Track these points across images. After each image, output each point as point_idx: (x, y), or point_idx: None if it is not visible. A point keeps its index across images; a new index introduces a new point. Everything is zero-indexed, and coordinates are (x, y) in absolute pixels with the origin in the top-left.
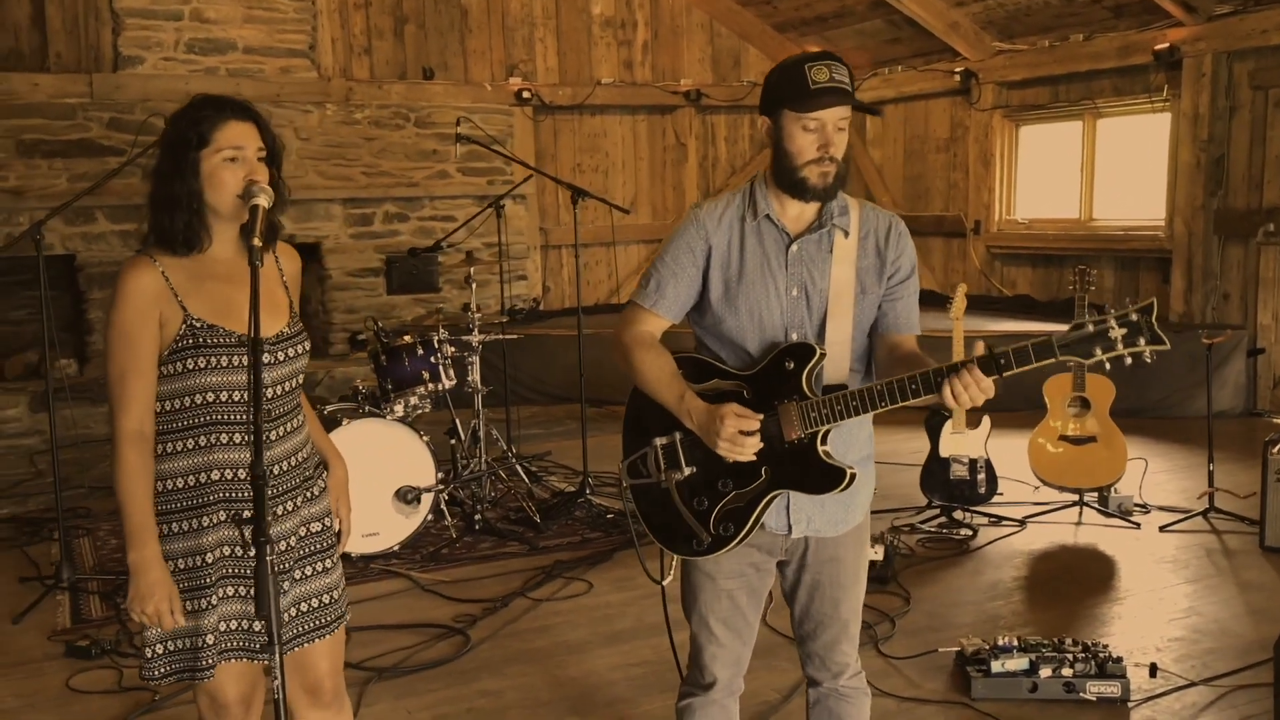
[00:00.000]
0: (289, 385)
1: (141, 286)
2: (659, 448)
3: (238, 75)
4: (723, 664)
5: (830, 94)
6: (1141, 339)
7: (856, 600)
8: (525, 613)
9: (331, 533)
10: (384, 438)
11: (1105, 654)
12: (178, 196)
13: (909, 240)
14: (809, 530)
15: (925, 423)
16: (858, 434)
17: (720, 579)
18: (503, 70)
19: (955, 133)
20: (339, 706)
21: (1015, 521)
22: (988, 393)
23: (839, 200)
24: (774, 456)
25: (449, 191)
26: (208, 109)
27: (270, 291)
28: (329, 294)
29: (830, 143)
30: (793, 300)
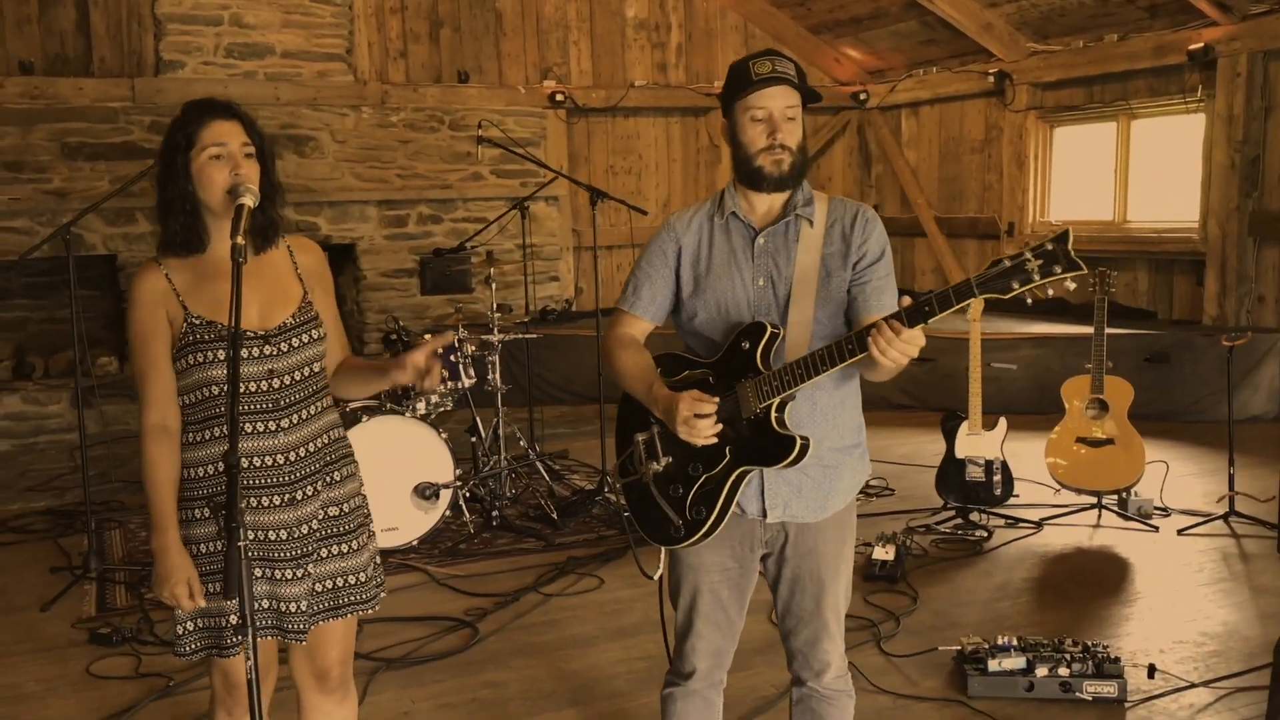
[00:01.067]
0: (301, 374)
1: (147, 289)
2: (640, 443)
3: (275, 79)
4: (702, 655)
5: (771, 82)
6: (1058, 267)
7: (837, 597)
8: (535, 607)
9: (355, 518)
10: (403, 435)
11: (1103, 654)
12: (173, 200)
13: (878, 225)
14: (786, 515)
15: (941, 424)
16: (843, 422)
17: (702, 571)
18: (537, 73)
19: (990, 134)
20: (344, 694)
21: (1031, 524)
22: (911, 342)
23: (804, 193)
24: (736, 435)
25: (482, 193)
26: (192, 112)
27: (276, 282)
28: (363, 294)
29: (778, 129)
30: (759, 290)
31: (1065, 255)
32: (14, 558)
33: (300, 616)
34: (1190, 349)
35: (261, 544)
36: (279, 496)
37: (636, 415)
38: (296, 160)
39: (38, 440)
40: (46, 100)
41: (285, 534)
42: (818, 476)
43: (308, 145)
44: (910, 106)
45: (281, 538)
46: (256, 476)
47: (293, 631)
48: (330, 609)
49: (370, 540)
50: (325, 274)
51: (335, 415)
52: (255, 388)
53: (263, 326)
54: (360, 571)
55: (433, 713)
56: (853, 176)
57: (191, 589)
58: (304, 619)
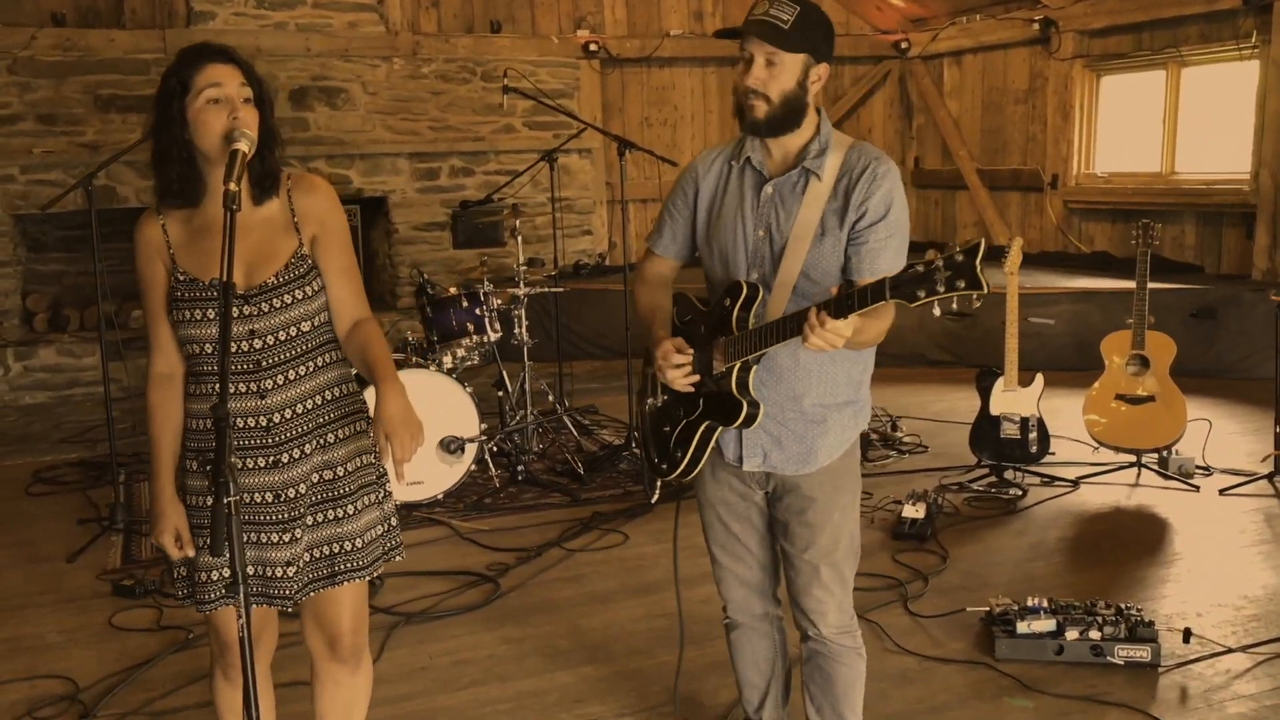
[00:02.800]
0: (288, 334)
1: (144, 238)
2: (648, 375)
3: (306, 30)
4: (729, 585)
5: (753, 24)
6: (960, 281)
7: (829, 545)
8: (558, 562)
9: (357, 479)
10: (428, 389)
11: (1136, 617)
12: (168, 148)
13: (886, 183)
14: (766, 466)
15: (976, 381)
16: (833, 377)
17: (708, 505)
18: (570, 23)
19: (1034, 84)
20: (356, 663)
21: (1068, 482)
22: (836, 332)
23: (820, 141)
24: (708, 390)
25: (514, 146)
26: (188, 56)
27: (266, 237)
28: (395, 248)
29: (751, 77)
30: (758, 240)
31: (970, 270)
32: (45, 508)
33: (288, 583)
34: (1238, 304)
35: (246, 507)
36: (264, 458)
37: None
38: (328, 112)
39: (73, 392)
40: (79, 52)
41: (271, 496)
42: (799, 430)
43: (339, 97)
44: (953, 55)
45: (267, 500)
46: (239, 438)
47: (280, 598)
48: (326, 577)
49: (376, 505)
50: (333, 218)
51: (339, 372)
52: (235, 348)
53: (245, 285)
54: (358, 537)
55: (448, 669)
56: (893, 128)
57: (180, 538)
58: (293, 585)
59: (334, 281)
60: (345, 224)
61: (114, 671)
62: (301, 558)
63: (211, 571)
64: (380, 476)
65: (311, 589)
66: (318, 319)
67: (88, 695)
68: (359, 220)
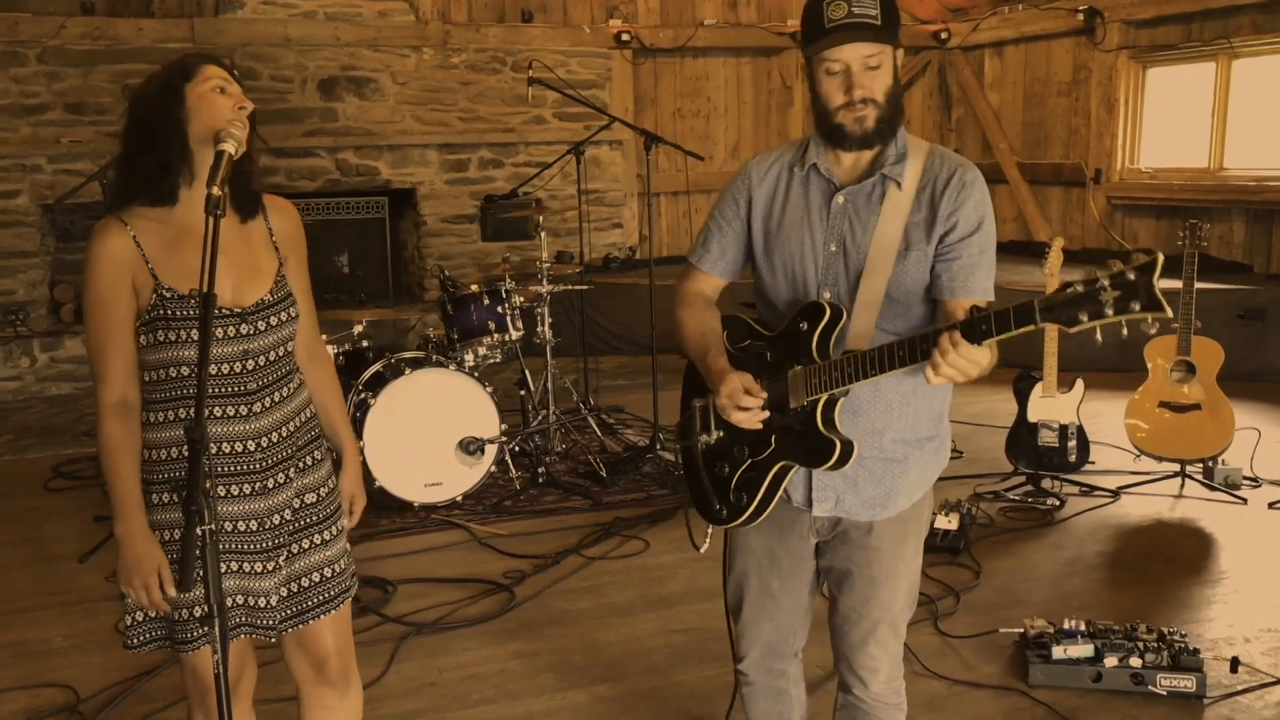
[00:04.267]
0: (275, 354)
1: (111, 252)
2: (696, 409)
3: (335, 19)
4: (749, 642)
5: (844, 30)
6: (1136, 303)
7: (891, 600)
8: (576, 570)
9: (330, 504)
10: (447, 388)
11: (1181, 644)
12: (159, 130)
13: (976, 192)
14: (838, 510)
15: (1013, 385)
16: (915, 411)
17: (749, 555)
18: (603, 12)
19: (1078, 75)
20: (345, 685)
21: (1108, 492)
22: (972, 360)
23: (898, 146)
24: (784, 424)
25: (544, 137)
26: (191, 57)
27: (252, 255)
28: (424, 240)
29: (857, 85)
30: (830, 256)
31: (1148, 290)
32: (62, 504)
33: (272, 613)
34: None
35: (230, 535)
36: (249, 485)
37: (700, 377)
38: (357, 103)
39: None
40: (107, 41)
41: (256, 524)
42: (878, 471)
43: (368, 87)
44: (994, 46)
45: (252, 529)
46: (225, 464)
47: (264, 628)
48: (322, 604)
49: (342, 532)
50: (301, 240)
51: (305, 395)
52: (228, 369)
53: (237, 303)
54: (336, 562)
55: (458, 684)
56: (932, 120)
57: (162, 579)
58: (276, 615)
59: (300, 303)
60: (305, 246)
61: (117, 681)
62: (286, 586)
63: (194, 608)
64: (337, 505)
65: (305, 620)
66: (293, 342)
67: (88, 706)
68: (386, 212)
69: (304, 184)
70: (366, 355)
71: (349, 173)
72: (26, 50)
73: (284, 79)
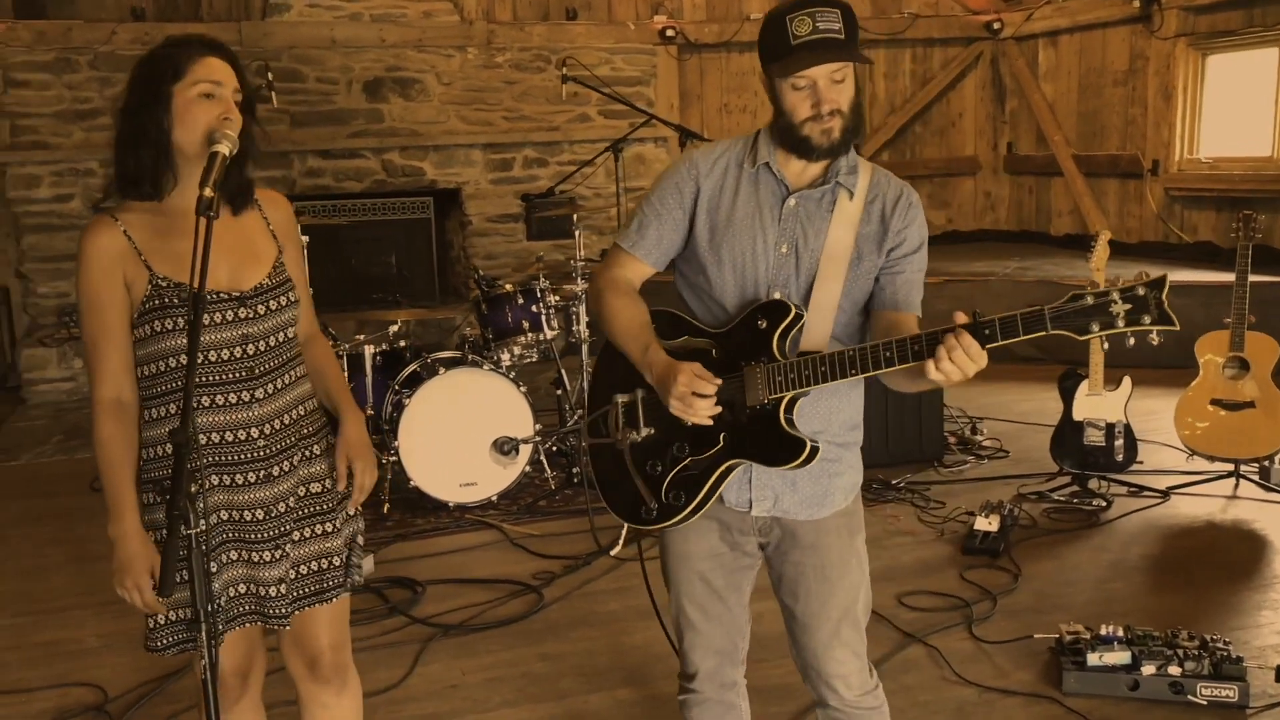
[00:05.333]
0: (276, 339)
1: (102, 248)
2: (620, 404)
3: (381, 20)
4: (703, 653)
5: (811, 49)
6: (1146, 317)
7: (850, 596)
8: (606, 572)
9: (333, 495)
10: (481, 388)
11: (1223, 651)
12: (145, 130)
13: (919, 213)
14: (776, 510)
15: (1058, 383)
16: (846, 414)
17: (692, 559)
18: (648, 8)
19: (1134, 64)
20: (340, 684)
21: (1157, 493)
22: (978, 361)
23: (849, 159)
24: (733, 423)
25: (589, 135)
26: (185, 42)
27: (250, 241)
28: (469, 240)
29: (825, 100)
30: (780, 257)
31: (1158, 305)
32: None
33: (281, 600)
34: None
35: (237, 524)
36: (254, 473)
37: (618, 371)
38: (402, 103)
39: None
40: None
41: (262, 513)
42: (816, 471)
43: (413, 88)
44: (1048, 36)
45: (259, 517)
46: (230, 452)
47: (275, 616)
48: (314, 593)
49: (350, 521)
50: (296, 232)
51: (309, 384)
52: (228, 355)
53: (236, 287)
54: (339, 554)
55: (480, 686)
56: (985, 112)
57: (155, 580)
58: (284, 603)
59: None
60: (300, 239)
61: (145, 681)
62: (291, 574)
63: (218, 599)
64: (347, 489)
65: (299, 606)
66: (294, 328)
67: (115, 706)
68: (432, 212)
69: (350, 185)
70: (404, 355)
71: (395, 173)
72: (79, 56)
73: (329, 81)
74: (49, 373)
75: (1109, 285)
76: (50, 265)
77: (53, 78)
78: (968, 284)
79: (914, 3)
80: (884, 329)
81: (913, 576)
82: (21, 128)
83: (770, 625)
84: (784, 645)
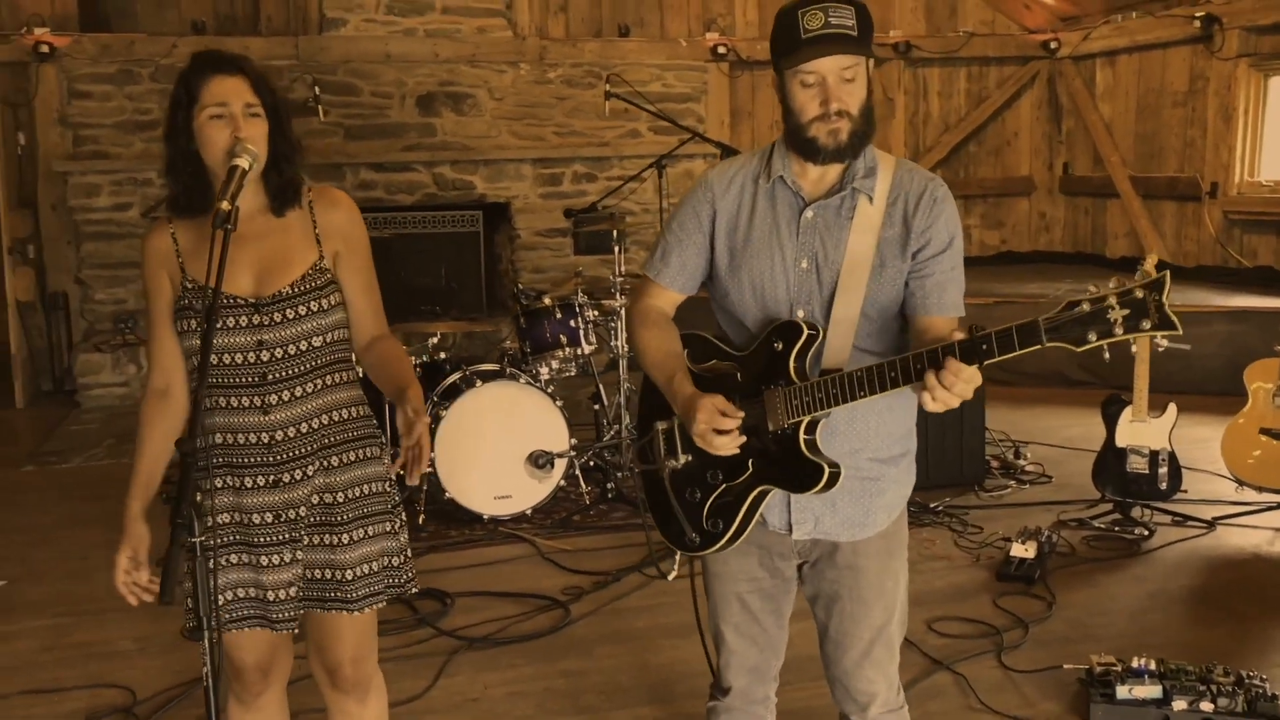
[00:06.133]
0: (298, 348)
1: (153, 247)
2: (660, 432)
3: (435, 36)
4: (736, 671)
5: (822, 42)
6: (1146, 321)
7: (884, 618)
8: (635, 589)
9: (350, 509)
10: (517, 401)
11: (1259, 689)
12: (174, 159)
13: (946, 207)
14: (817, 532)
15: (1102, 408)
16: (890, 429)
17: (729, 580)
18: (700, 25)
19: (1194, 85)
20: (362, 694)
21: (1203, 523)
22: (970, 383)
23: (867, 160)
24: (760, 447)
25: (638, 151)
26: (196, 65)
27: (283, 246)
28: (518, 254)
29: (832, 98)
30: (801, 273)
31: (1158, 308)
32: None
33: (287, 605)
34: None
35: (243, 527)
36: (262, 477)
37: (660, 398)
38: (454, 118)
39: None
40: None
41: (271, 517)
42: (856, 490)
43: (465, 103)
44: (1106, 55)
45: (266, 521)
46: (239, 454)
47: (279, 621)
48: (317, 599)
49: (382, 537)
50: (356, 234)
51: (349, 393)
52: (241, 359)
53: (255, 294)
54: (352, 568)
55: (501, 700)
56: (1041, 131)
57: (137, 560)
58: (289, 608)
59: (356, 298)
60: (367, 240)
61: (174, 684)
62: (300, 579)
63: (226, 592)
64: (393, 508)
65: (303, 607)
66: (330, 335)
67: (143, 708)
68: (481, 225)
69: (402, 198)
70: (444, 367)
71: (445, 187)
72: (140, 69)
73: (384, 95)
74: (103, 377)
75: (1105, 290)
76: (108, 272)
77: (115, 89)
78: (1019, 305)
79: (970, 21)
80: (917, 335)
81: (945, 602)
82: (83, 138)
83: (800, 648)
84: (812, 668)
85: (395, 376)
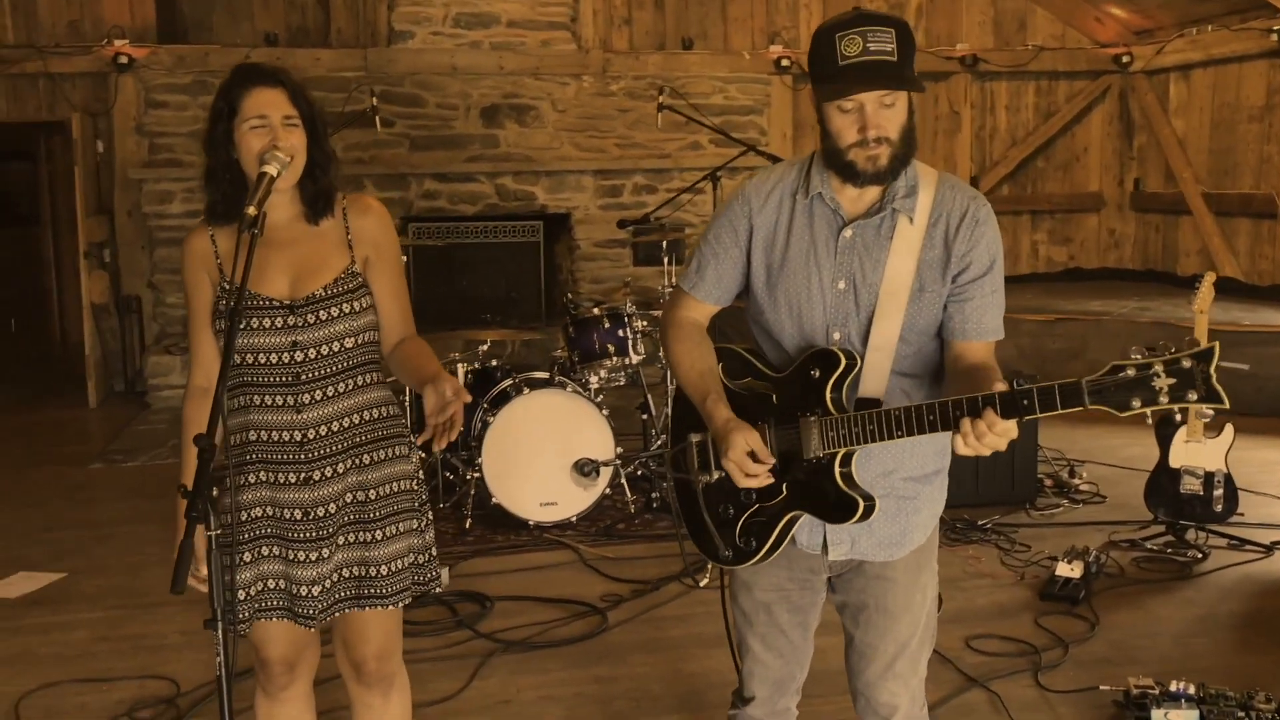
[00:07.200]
0: (330, 349)
1: (192, 249)
2: (694, 445)
3: (500, 48)
4: (760, 681)
5: (859, 72)
6: (1192, 393)
7: (909, 632)
8: (673, 598)
9: (382, 506)
10: (564, 409)
11: None
12: (214, 168)
13: (988, 229)
14: (853, 553)
15: (1155, 428)
16: (925, 447)
17: (756, 590)
18: (764, 38)
19: (1271, 100)
20: (386, 690)
21: (1260, 547)
22: (1004, 436)
23: (908, 178)
24: (794, 474)
25: (699, 163)
26: (237, 77)
27: (317, 250)
28: (577, 264)
29: (871, 125)
30: (839, 294)
31: (1205, 380)
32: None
33: (313, 602)
34: None
35: (277, 521)
36: (295, 474)
37: (695, 410)
38: (517, 129)
39: None
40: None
41: (300, 514)
42: (892, 510)
43: (528, 115)
44: (1179, 70)
45: (296, 517)
46: (273, 451)
47: (304, 616)
48: (351, 598)
49: (408, 534)
50: (385, 240)
51: (380, 394)
52: (275, 359)
53: (290, 296)
54: (385, 564)
55: (532, 704)
56: (1112, 147)
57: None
58: (318, 605)
59: (385, 302)
60: (398, 246)
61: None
62: (329, 577)
63: (247, 589)
64: (420, 506)
65: (336, 609)
66: (362, 337)
67: (185, 700)
68: (541, 236)
69: (464, 208)
70: (495, 374)
71: (507, 197)
72: (214, 79)
73: (449, 106)
74: (172, 379)
75: (1152, 357)
76: (179, 277)
77: (189, 99)
78: (1081, 323)
79: (1039, 35)
80: (952, 359)
81: (986, 620)
82: (159, 146)
83: (826, 661)
84: (837, 682)
85: (421, 369)
